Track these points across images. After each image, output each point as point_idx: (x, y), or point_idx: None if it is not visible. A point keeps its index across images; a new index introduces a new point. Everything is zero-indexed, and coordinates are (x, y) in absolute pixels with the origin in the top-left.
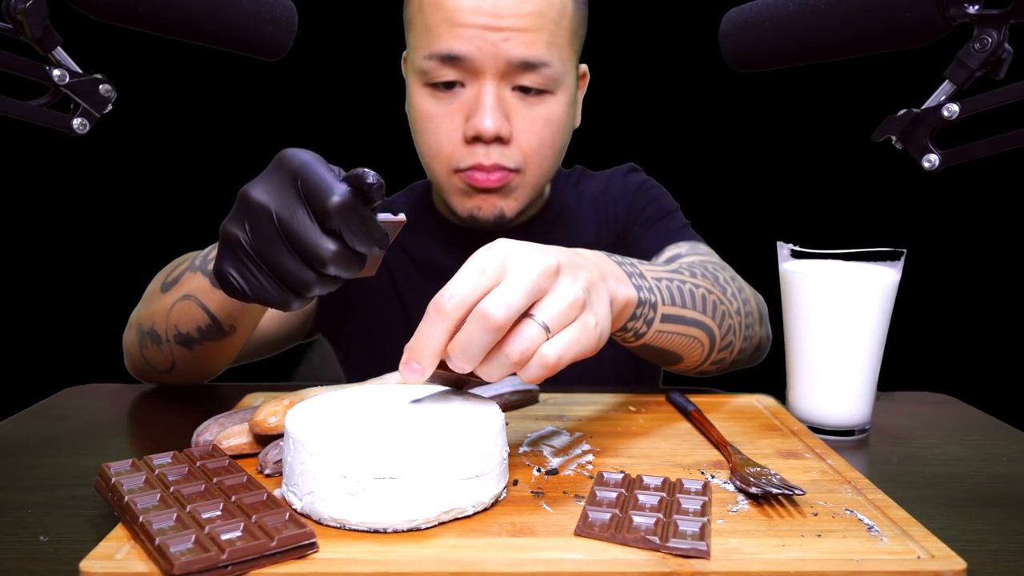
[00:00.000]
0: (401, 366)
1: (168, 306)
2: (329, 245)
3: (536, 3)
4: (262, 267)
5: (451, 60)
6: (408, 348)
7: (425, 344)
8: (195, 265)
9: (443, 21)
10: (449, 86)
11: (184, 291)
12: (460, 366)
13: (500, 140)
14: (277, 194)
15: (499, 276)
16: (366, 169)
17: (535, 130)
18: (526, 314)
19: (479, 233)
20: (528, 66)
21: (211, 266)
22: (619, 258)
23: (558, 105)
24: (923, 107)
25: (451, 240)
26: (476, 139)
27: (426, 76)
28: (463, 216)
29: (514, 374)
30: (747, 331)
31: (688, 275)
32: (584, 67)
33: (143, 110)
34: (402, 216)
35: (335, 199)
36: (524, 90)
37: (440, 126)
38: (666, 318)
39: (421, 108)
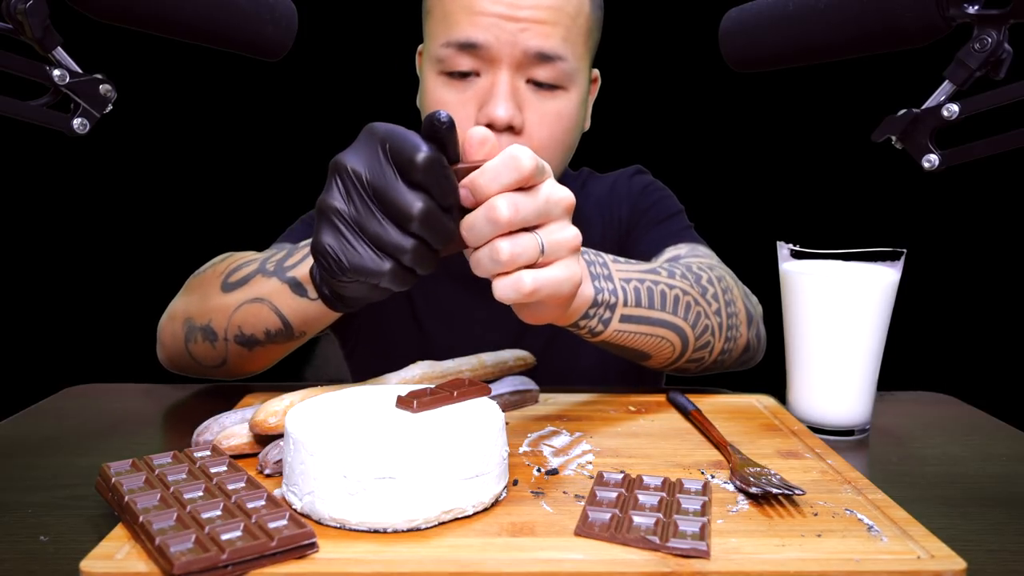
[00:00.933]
0: (461, 185)
1: (232, 306)
2: (417, 202)
3: None
4: (358, 234)
5: (468, 48)
6: (470, 178)
7: (489, 183)
8: (267, 270)
9: (462, 9)
10: (464, 75)
11: (255, 294)
12: (466, 236)
13: (512, 130)
14: (366, 158)
15: (532, 180)
16: (437, 112)
17: (546, 123)
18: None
19: None
20: (544, 58)
21: (290, 273)
22: (591, 256)
23: (570, 101)
24: (923, 107)
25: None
26: (488, 128)
27: (442, 64)
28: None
29: (514, 374)
30: (730, 332)
31: (665, 275)
32: (596, 71)
33: (143, 110)
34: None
35: (421, 154)
36: (538, 84)
37: (453, 113)
38: (626, 318)
39: (435, 96)
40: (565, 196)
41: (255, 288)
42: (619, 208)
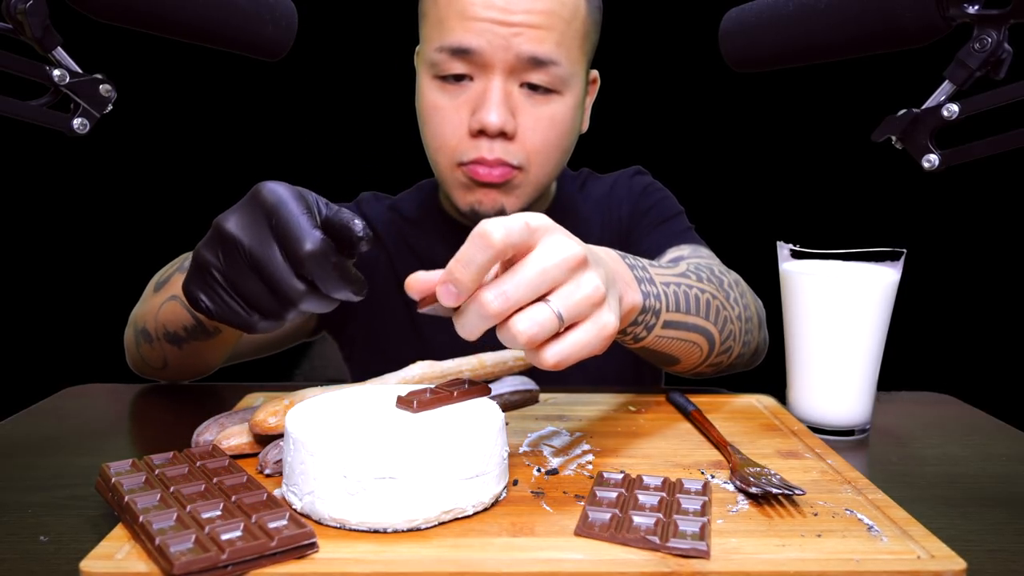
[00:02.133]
0: (438, 286)
1: (157, 306)
2: (300, 287)
3: (549, 1)
4: (230, 292)
5: (461, 53)
6: (447, 269)
7: (465, 268)
8: (184, 267)
9: (456, 14)
10: (458, 79)
11: (171, 292)
12: (464, 333)
13: (504, 135)
14: (251, 230)
15: (532, 245)
16: (355, 219)
17: (540, 128)
18: (541, 298)
19: None
20: (537, 63)
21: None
22: (632, 260)
23: (564, 106)
24: (923, 107)
25: (458, 239)
26: (481, 133)
27: (436, 68)
28: (464, 210)
29: (515, 374)
30: (746, 336)
31: (695, 279)
32: (595, 73)
33: (143, 110)
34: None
35: (308, 247)
36: (532, 88)
37: (446, 118)
38: (668, 324)
39: (429, 100)
40: (568, 253)
41: (173, 286)
42: (619, 209)
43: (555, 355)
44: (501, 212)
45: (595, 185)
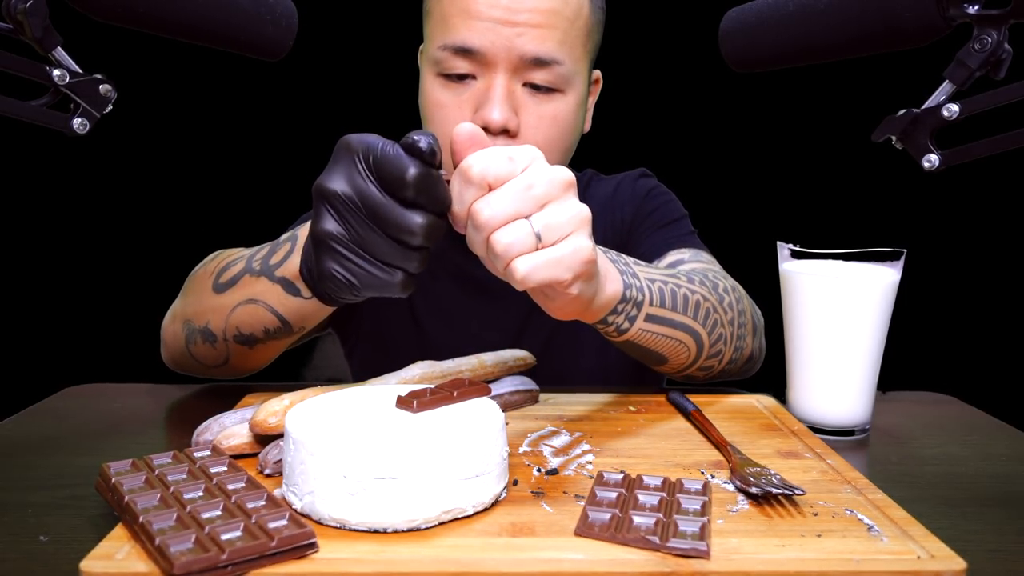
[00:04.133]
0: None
1: (228, 307)
2: (416, 218)
3: (552, 0)
4: (363, 255)
5: (464, 52)
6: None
7: (457, 203)
8: (254, 269)
9: (459, 13)
10: (461, 78)
11: (247, 295)
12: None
13: (507, 133)
14: (352, 181)
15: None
16: (416, 136)
17: (542, 127)
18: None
19: None
20: (540, 62)
21: (279, 272)
22: (614, 255)
23: (567, 104)
24: (923, 107)
25: (459, 236)
26: (483, 130)
27: (439, 66)
28: None
29: (515, 374)
30: (738, 342)
31: (685, 280)
32: (597, 72)
33: (143, 110)
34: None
35: (411, 172)
36: (534, 87)
37: (449, 116)
38: (651, 318)
39: (432, 97)
40: (557, 175)
41: (247, 289)
42: (622, 210)
43: (524, 266)
44: None
45: (599, 186)
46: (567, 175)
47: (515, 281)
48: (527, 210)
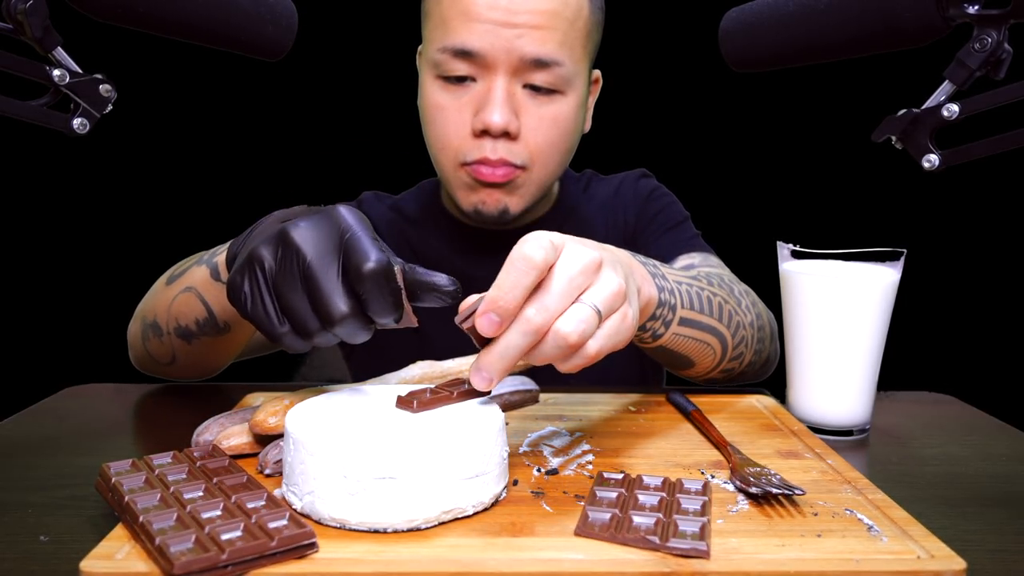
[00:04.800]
0: (478, 317)
1: (171, 299)
2: (343, 307)
3: (552, 2)
4: (272, 296)
5: (464, 55)
6: (488, 299)
7: (509, 294)
8: (202, 259)
9: (459, 15)
10: (461, 80)
11: (187, 283)
12: (497, 366)
13: (508, 135)
14: (317, 244)
15: (555, 260)
16: (442, 279)
17: (543, 128)
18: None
19: (488, 233)
20: (540, 64)
21: (217, 258)
22: (642, 258)
23: (567, 105)
24: (923, 107)
25: (460, 239)
26: (484, 133)
27: (439, 68)
28: (467, 210)
29: (515, 374)
30: (758, 344)
31: (706, 283)
32: (597, 72)
33: (143, 110)
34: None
35: (370, 263)
36: (534, 88)
37: (449, 118)
38: (684, 321)
39: (432, 99)
40: (588, 259)
41: (188, 278)
42: (624, 211)
43: (594, 347)
44: (504, 211)
45: (599, 187)
46: (596, 256)
47: (588, 358)
48: (573, 299)
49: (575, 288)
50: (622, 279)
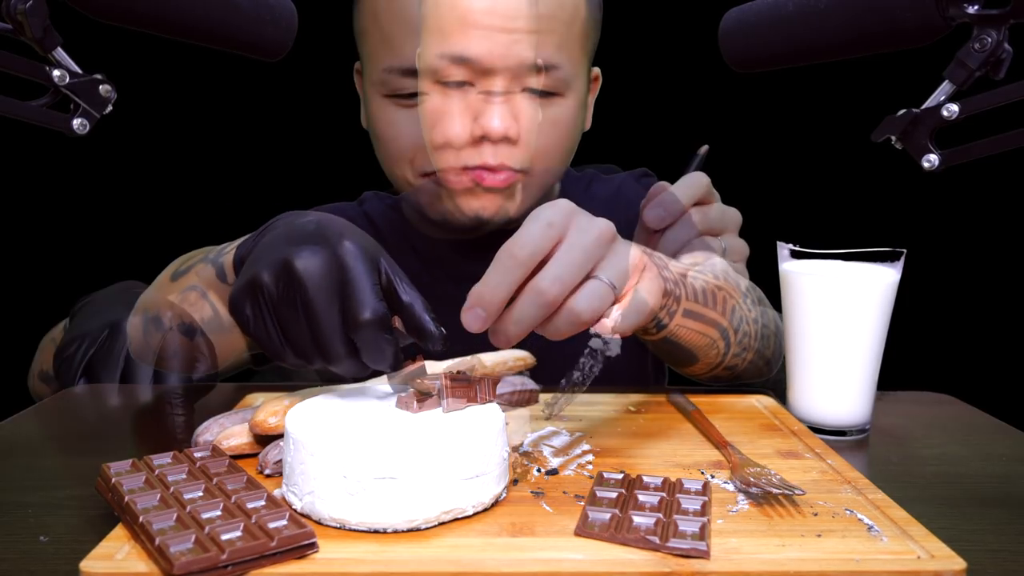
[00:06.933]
0: (464, 312)
1: (174, 295)
2: (341, 350)
3: (549, 5)
4: (274, 321)
5: (462, 61)
6: (474, 293)
7: (494, 291)
8: (208, 257)
9: (456, 20)
10: (459, 84)
11: (191, 281)
12: (512, 332)
13: (508, 140)
14: (319, 281)
15: (562, 234)
16: (427, 316)
17: (543, 131)
18: (589, 275)
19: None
20: (538, 68)
21: (223, 258)
22: (647, 249)
23: (567, 107)
24: (923, 107)
25: (461, 240)
26: (483, 138)
27: (437, 74)
28: (468, 215)
29: (515, 374)
30: (762, 342)
31: (711, 276)
32: (596, 70)
33: (143, 110)
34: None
35: (367, 315)
36: (533, 92)
37: (448, 124)
38: (688, 313)
39: (430, 105)
40: (600, 229)
41: (193, 276)
42: (626, 211)
43: (614, 323)
44: (505, 216)
45: (601, 187)
46: (610, 226)
47: (607, 332)
48: (589, 270)
49: (589, 259)
50: (637, 252)
